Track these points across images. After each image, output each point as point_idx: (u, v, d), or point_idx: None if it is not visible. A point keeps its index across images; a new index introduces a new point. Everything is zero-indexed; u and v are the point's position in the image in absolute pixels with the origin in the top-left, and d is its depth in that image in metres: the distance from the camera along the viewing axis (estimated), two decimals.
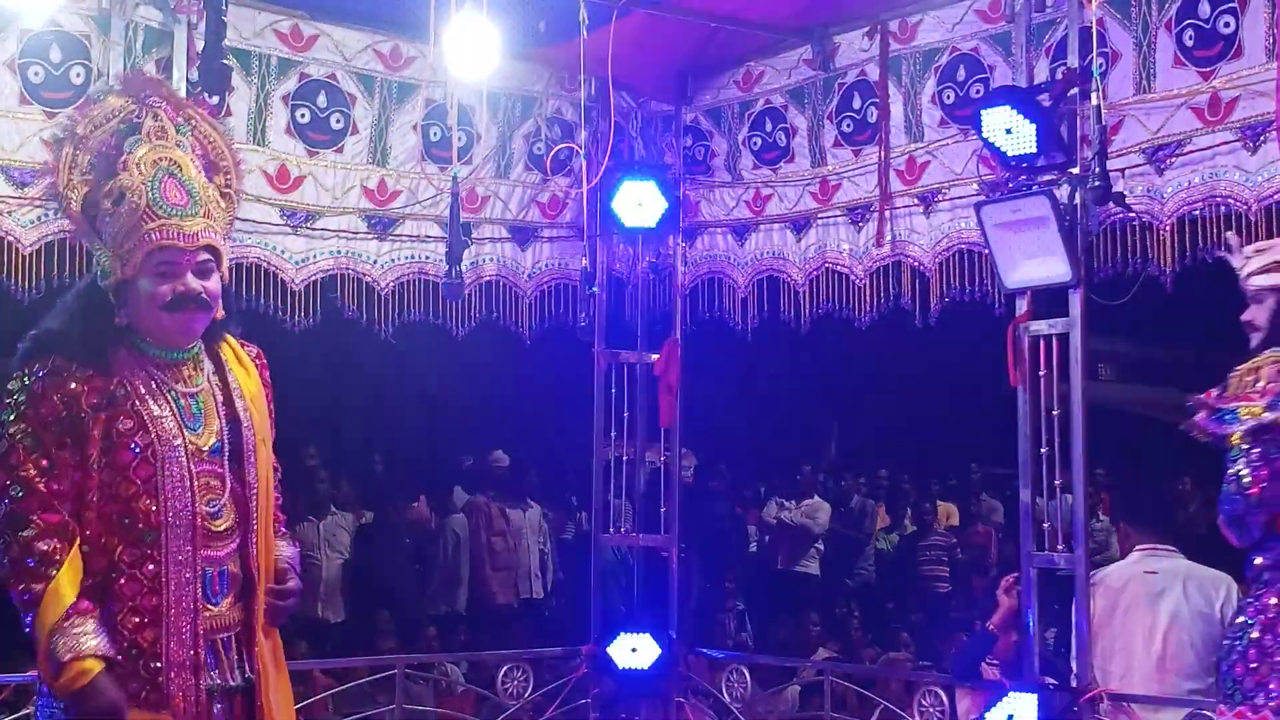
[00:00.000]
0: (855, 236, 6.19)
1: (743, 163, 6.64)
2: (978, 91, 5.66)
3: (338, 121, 6.02)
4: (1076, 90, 5.14)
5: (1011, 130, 5.14)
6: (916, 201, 5.93)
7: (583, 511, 10.20)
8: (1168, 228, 5.06)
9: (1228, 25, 4.89)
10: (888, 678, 7.16)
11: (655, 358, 6.72)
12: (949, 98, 5.81)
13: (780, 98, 6.47)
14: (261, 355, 3.52)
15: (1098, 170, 4.75)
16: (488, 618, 10.16)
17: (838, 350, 8.66)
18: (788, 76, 6.43)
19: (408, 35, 6.03)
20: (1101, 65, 5.04)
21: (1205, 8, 4.95)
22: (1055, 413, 5.27)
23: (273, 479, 3.42)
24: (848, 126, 6.20)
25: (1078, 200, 5.18)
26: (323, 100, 5.98)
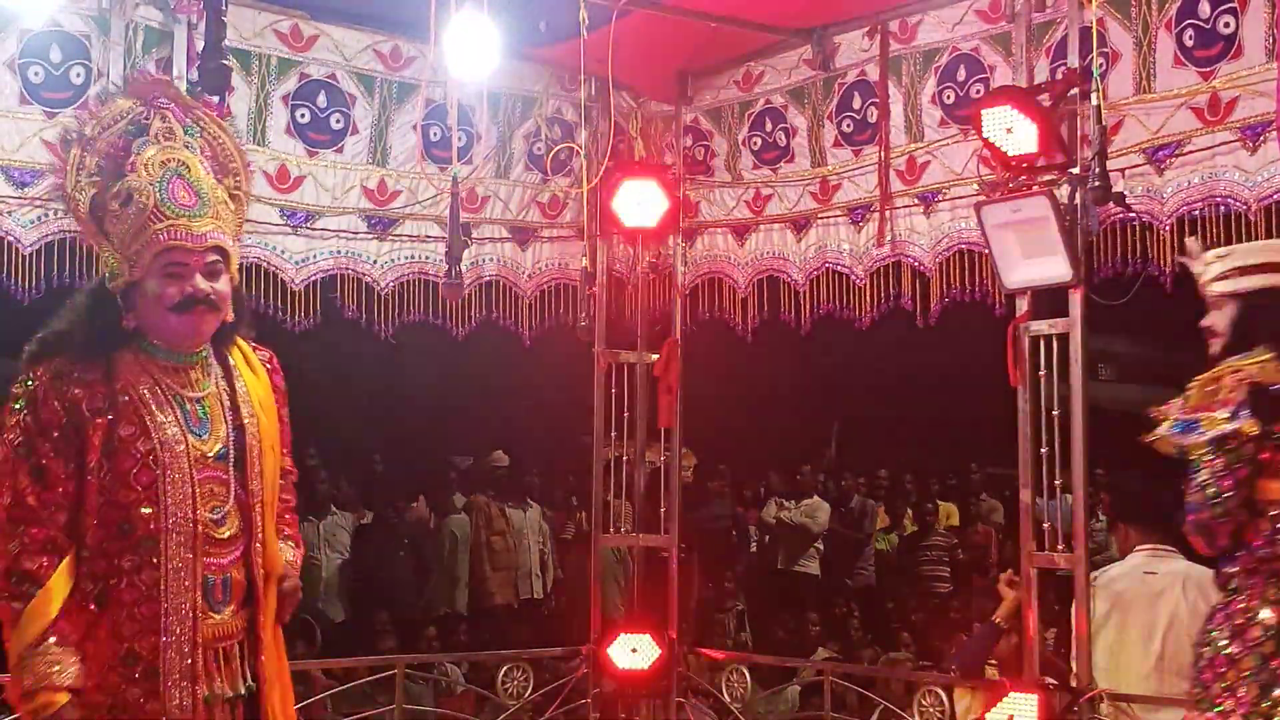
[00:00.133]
0: (855, 236, 6.19)
1: (743, 163, 6.63)
2: (978, 91, 5.66)
3: (338, 121, 6.02)
4: (1076, 90, 5.14)
5: (1012, 130, 5.14)
6: (916, 201, 5.93)
7: (583, 511, 10.19)
8: (1168, 228, 5.06)
9: (1228, 25, 4.89)
10: (888, 678, 7.16)
11: (655, 358, 6.72)
12: (949, 98, 5.81)
13: (780, 98, 6.47)
14: (274, 360, 3.48)
15: (1098, 170, 4.74)
16: (487, 618, 10.16)
17: (838, 350, 8.65)
18: (788, 76, 6.43)
19: (408, 35, 6.03)
20: (1101, 65, 5.04)
21: (1205, 8, 4.95)
22: (1055, 413, 5.27)
23: (278, 485, 3.36)
24: (848, 126, 6.20)
25: (1078, 200, 5.17)
26: (323, 100, 5.98)
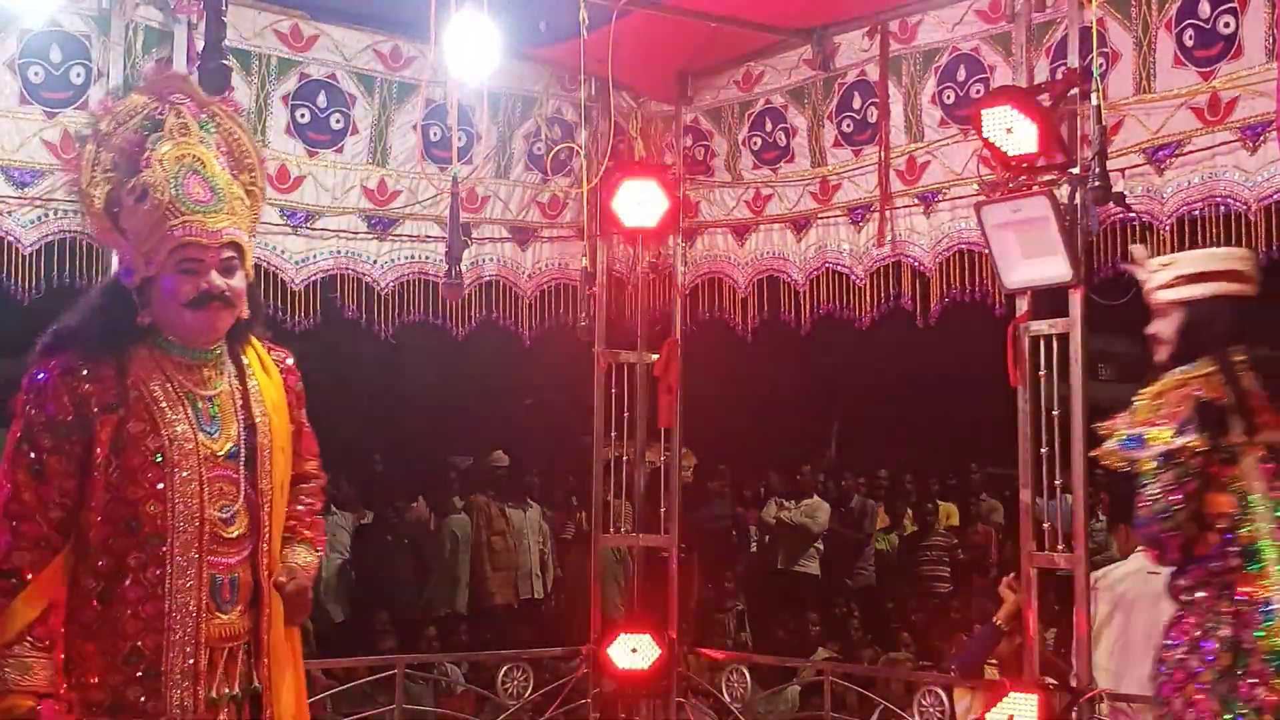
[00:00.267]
0: (855, 236, 6.19)
1: (743, 163, 6.63)
2: (978, 91, 5.66)
3: (338, 121, 6.02)
4: (1076, 90, 5.14)
5: (1012, 130, 5.14)
6: (916, 201, 5.93)
7: (583, 511, 10.18)
8: (1168, 228, 5.06)
9: (1228, 25, 4.89)
10: (888, 678, 7.15)
11: (655, 358, 6.72)
12: (949, 98, 5.81)
13: (780, 98, 6.47)
14: (290, 361, 3.44)
15: (1098, 170, 4.74)
16: (487, 618, 10.15)
17: (838, 350, 8.64)
18: (788, 76, 6.43)
19: (408, 35, 6.03)
20: (1101, 65, 5.04)
21: (1205, 8, 4.95)
22: (1055, 413, 5.27)
23: (288, 487, 3.32)
24: (848, 126, 6.20)
25: (1078, 200, 5.17)
26: (323, 100, 5.98)
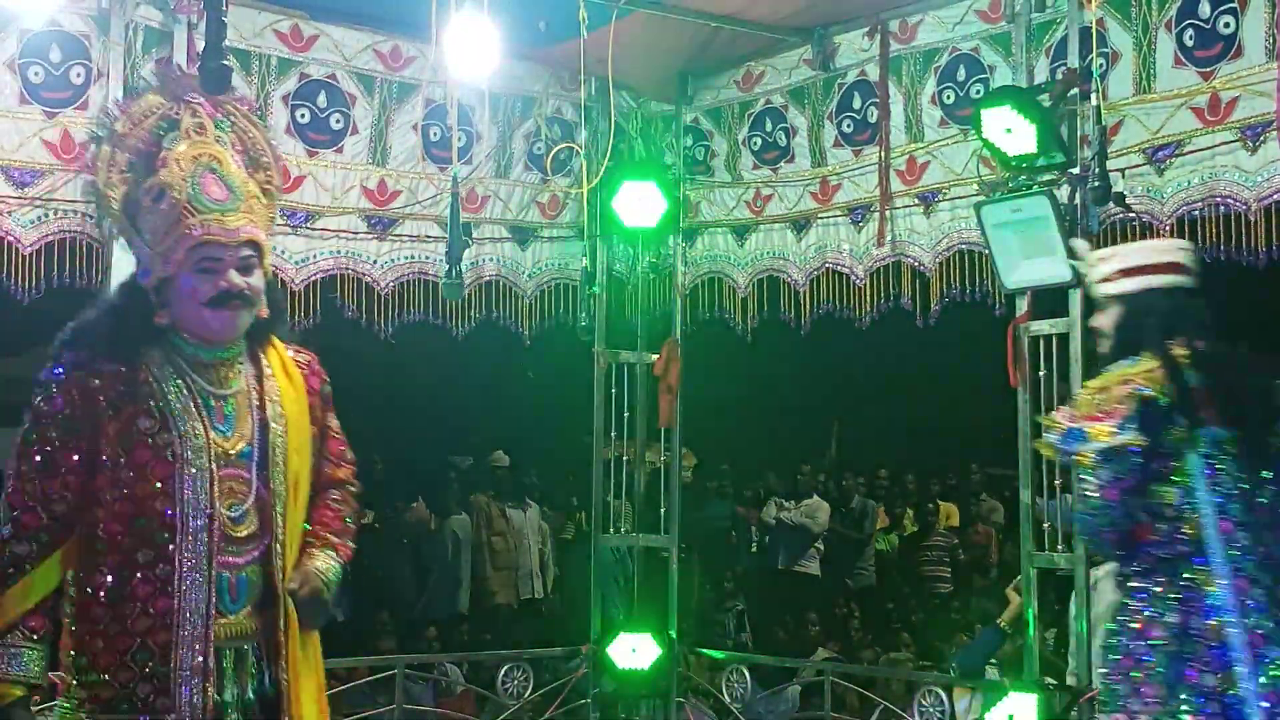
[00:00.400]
0: (855, 236, 6.19)
1: (743, 163, 6.64)
2: (978, 91, 5.66)
3: (337, 121, 6.02)
4: (1077, 90, 5.15)
5: (1012, 130, 5.14)
6: (917, 201, 5.93)
7: (583, 511, 10.18)
8: (1168, 227, 5.06)
9: (1228, 25, 4.90)
10: (888, 678, 7.16)
11: (655, 358, 6.72)
12: (949, 98, 5.82)
13: (780, 98, 6.47)
14: (315, 363, 3.43)
15: (1098, 170, 4.75)
16: (488, 618, 10.15)
17: (838, 350, 8.63)
18: (788, 76, 6.43)
19: (408, 35, 6.04)
20: (1101, 65, 5.05)
21: (1205, 8, 4.95)
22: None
23: (304, 489, 3.30)
24: (848, 126, 6.20)
25: (1078, 200, 5.18)
26: (322, 100, 5.99)
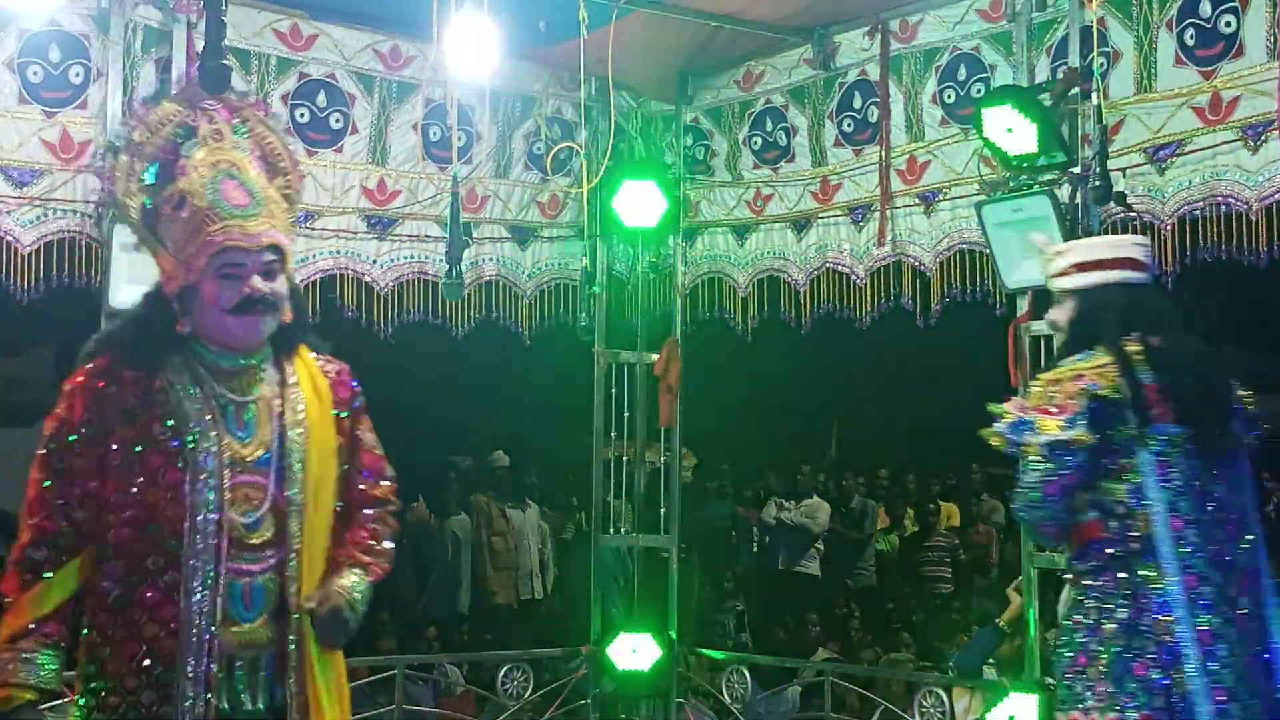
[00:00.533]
0: (856, 236, 6.18)
1: (743, 162, 6.63)
2: (979, 91, 5.66)
3: (337, 121, 6.02)
4: (1077, 89, 5.14)
5: (1012, 129, 5.13)
6: (917, 201, 5.93)
7: (582, 511, 10.18)
8: (1168, 227, 5.05)
9: (1229, 25, 4.89)
10: (888, 678, 7.15)
11: (655, 358, 6.72)
12: (950, 97, 5.81)
13: (780, 97, 6.47)
14: (345, 374, 3.32)
15: (1098, 170, 4.74)
16: (488, 618, 10.15)
17: (838, 350, 8.63)
18: (788, 76, 6.43)
19: (408, 35, 6.03)
20: (1102, 65, 5.05)
21: (1206, 7, 4.94)
22: None
23: (327, 499, 3.21)
24: (848, 126, 6.20)
25: (1079, 200, 5.17)
26: (322, 100, 5.98)
